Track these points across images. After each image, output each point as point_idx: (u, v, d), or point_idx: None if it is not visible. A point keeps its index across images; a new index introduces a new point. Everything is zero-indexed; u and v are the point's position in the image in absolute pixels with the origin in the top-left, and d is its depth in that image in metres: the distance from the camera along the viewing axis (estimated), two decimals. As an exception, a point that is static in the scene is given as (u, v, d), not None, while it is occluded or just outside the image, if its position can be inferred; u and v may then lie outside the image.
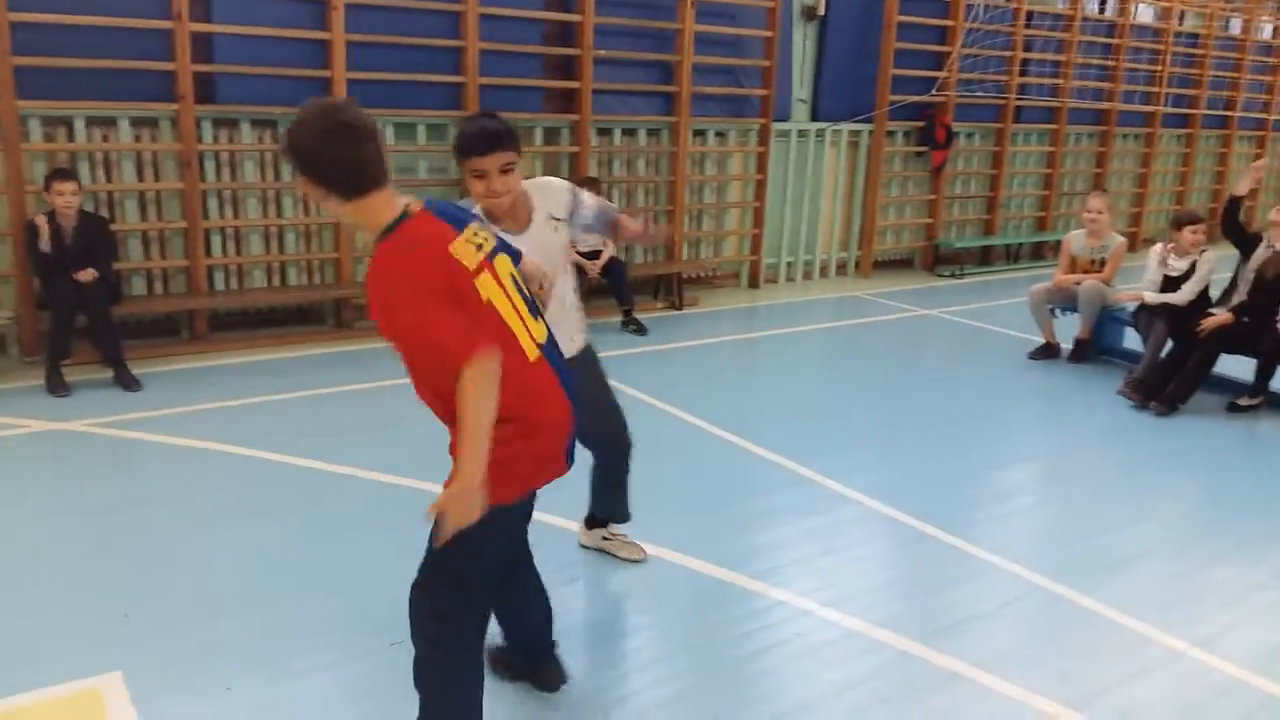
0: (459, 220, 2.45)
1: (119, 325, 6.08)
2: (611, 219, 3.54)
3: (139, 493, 4.53)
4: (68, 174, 5.97)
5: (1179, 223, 6.65)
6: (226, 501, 4.43)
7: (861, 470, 5.03)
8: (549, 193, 3.34)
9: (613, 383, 3.71)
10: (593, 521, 3.99)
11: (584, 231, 3.51)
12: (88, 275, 5.79)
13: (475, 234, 2.45)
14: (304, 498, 4.50)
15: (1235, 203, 6.46)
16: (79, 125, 6.44)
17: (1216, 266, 6.59)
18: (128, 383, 5.89)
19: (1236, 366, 6.36)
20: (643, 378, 6.40)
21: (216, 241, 7.04)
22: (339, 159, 2.25)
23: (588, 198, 3.46)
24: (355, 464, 4.78)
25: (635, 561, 3.91)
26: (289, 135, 2.28)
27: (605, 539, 3.98)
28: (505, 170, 3.03)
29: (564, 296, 3.38)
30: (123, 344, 6.03)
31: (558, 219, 3.32)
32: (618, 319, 7.87)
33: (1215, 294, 6.63)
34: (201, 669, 3.19)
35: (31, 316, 6.20)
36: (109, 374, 5.95)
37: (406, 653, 2.67)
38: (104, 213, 6.49)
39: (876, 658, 3.39)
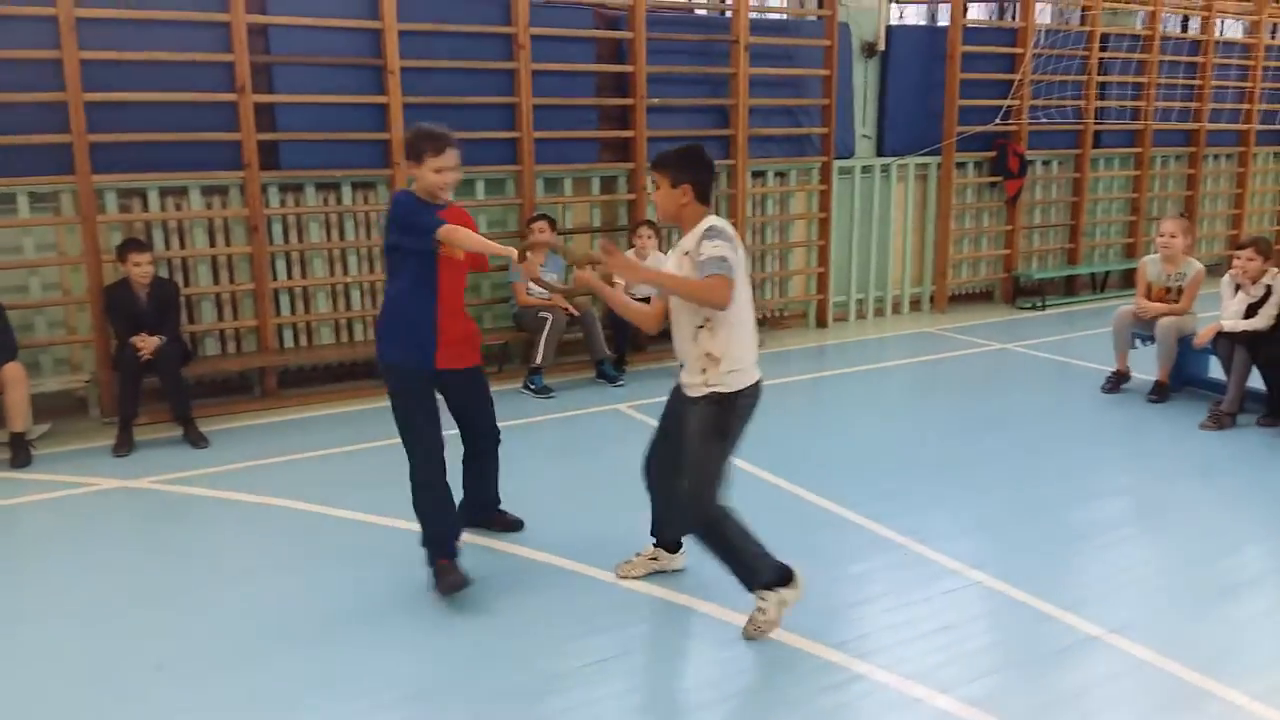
0: None
1: (191, 384, 6.33)
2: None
3: (191, 547, 4.67)
4: (143, 245, 6.30)
5: (1234, 249, 6.39)
6: (274, 555, 4.53)
7: (942, 524, 4.79)
8: None
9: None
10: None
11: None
12: (148, 346, 6.05)
13: None
14: (351, 550, 4.57)
15: None
16: (152, 196, 6.77)
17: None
18: (197, 440, 6.11)
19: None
20: (696, 422, 6.34)
21: (285, 301, 7.29)
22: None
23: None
24: (406, 517, 4.84)
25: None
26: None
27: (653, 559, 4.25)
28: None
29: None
30: (192, 403, 6.28)
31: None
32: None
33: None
34: (224, 722, 3.25)
35: (109, 379, 6.49)
36: (179, 433, 6.19)
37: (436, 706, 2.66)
38: (177, 277, 6.79)
39: None
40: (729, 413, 3.62)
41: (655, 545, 4.24)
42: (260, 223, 6.97)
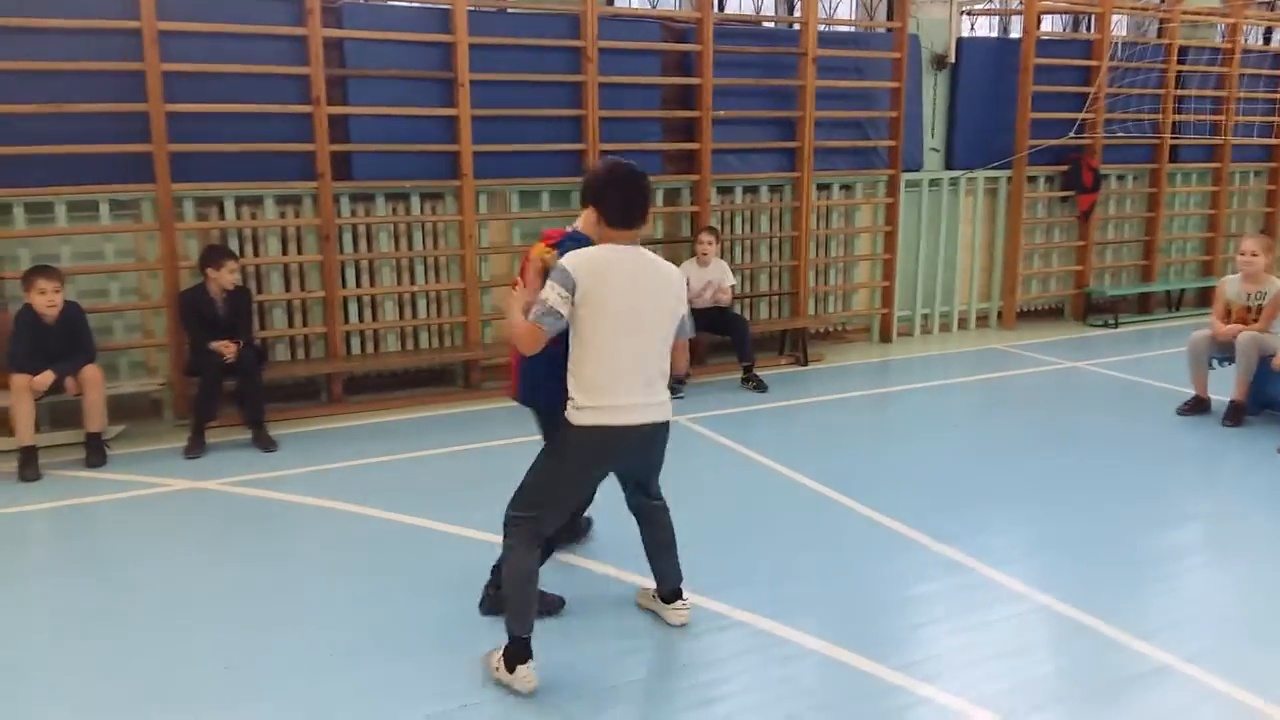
0: None
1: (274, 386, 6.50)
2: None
3: (258, 550, 4.76)
4: (231, 253, 6.48)
5: None
6: (339, 558, 4.60)
7: (1008, 546, 4.72)
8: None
9: (731, 442, 3.84)
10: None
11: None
12: (228, 349, 6.21)
13: None
14: (412, 555, 4.62)
15: None
16: (229, 204, 6.95)
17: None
18: (266, 444, 6.24)
19: None
20: (762, 437, 6.31)
21: (353, 309, 7.42)
22: None
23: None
24: (463, 523, 4.89)
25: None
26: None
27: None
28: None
29: None
30: (265, 407, 6.43)
31: None
32: (738, 375, 7.81)
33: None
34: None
35: (181, 383, 6.66)
36: (248, 436, 6.33)
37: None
38: (251, 285, 6.95)
39: None
40: (567, 442, 3.52)
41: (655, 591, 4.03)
42: (332, 232, 7.11)
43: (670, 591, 3.93)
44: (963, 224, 9.88)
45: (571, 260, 3.38)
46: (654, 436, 3.63)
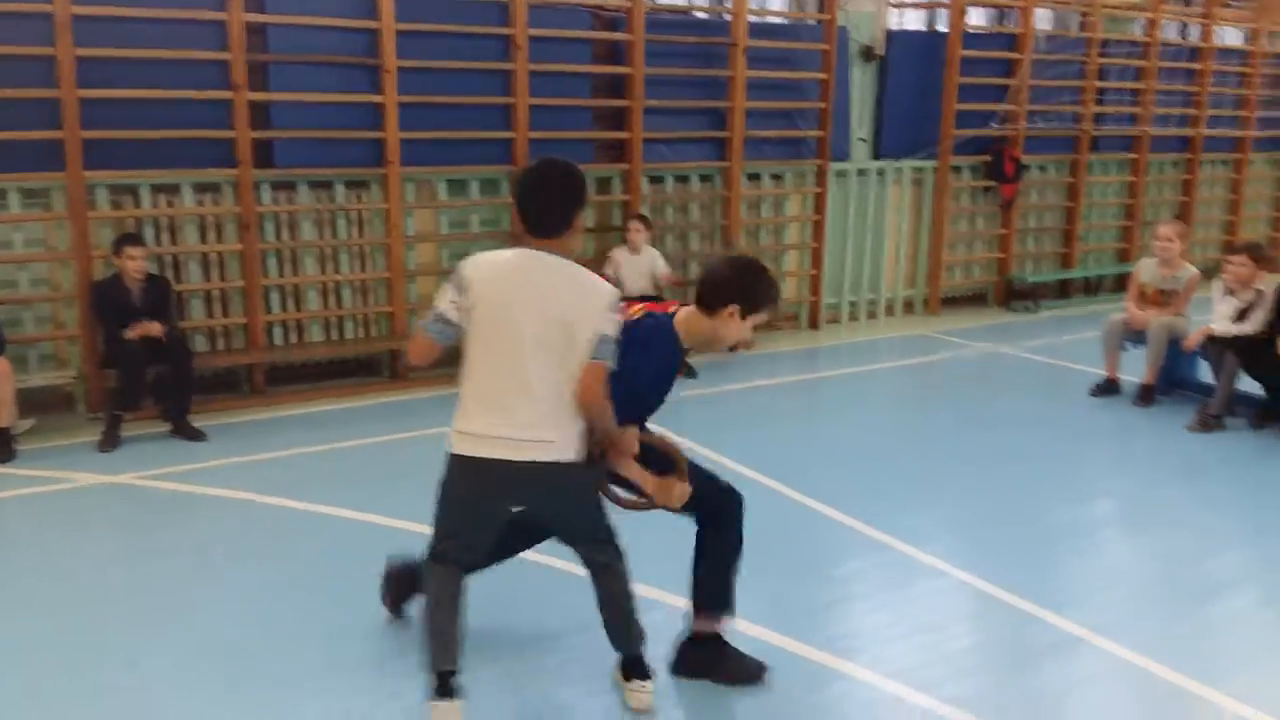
0: None
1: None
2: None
3: (173, 544, 4.65)
4: (138, 239, 6.30)
5: (1226, 254, 6.42)
6: (251, 550, 4.52)
7: (929, 525, 4.79)
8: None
9: (660, 428, 3.58)
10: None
11: None
12: (152, 329, 6.08)
13: None
14: (335, 546, 4.56)
15: None
16: (144, 192, 6.77)
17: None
18: (193, 435, 6.14)
19: None
20: (691, 423, 6.32)
21: (275, 299, 7.28)
22: None
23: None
24: (387, 514, 4.83)
25: None
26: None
27: None
28: None
29: None
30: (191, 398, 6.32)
31: None
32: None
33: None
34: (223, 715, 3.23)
35: (95, 375, 6.48)
36: (163, 429, 6.19)
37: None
38: (169, 274, 6.77)
39: None
40: (445, 469, 3.12)
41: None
42: (252, 220, 6.95)
43: (625, 663, 3.33)
44: (889, 213, 10.02)
45: (470, 260, 3.05)
46: (537, 481, 2.98)
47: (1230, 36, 12.07)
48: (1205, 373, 6.72)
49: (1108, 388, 7.02)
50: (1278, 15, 11.76)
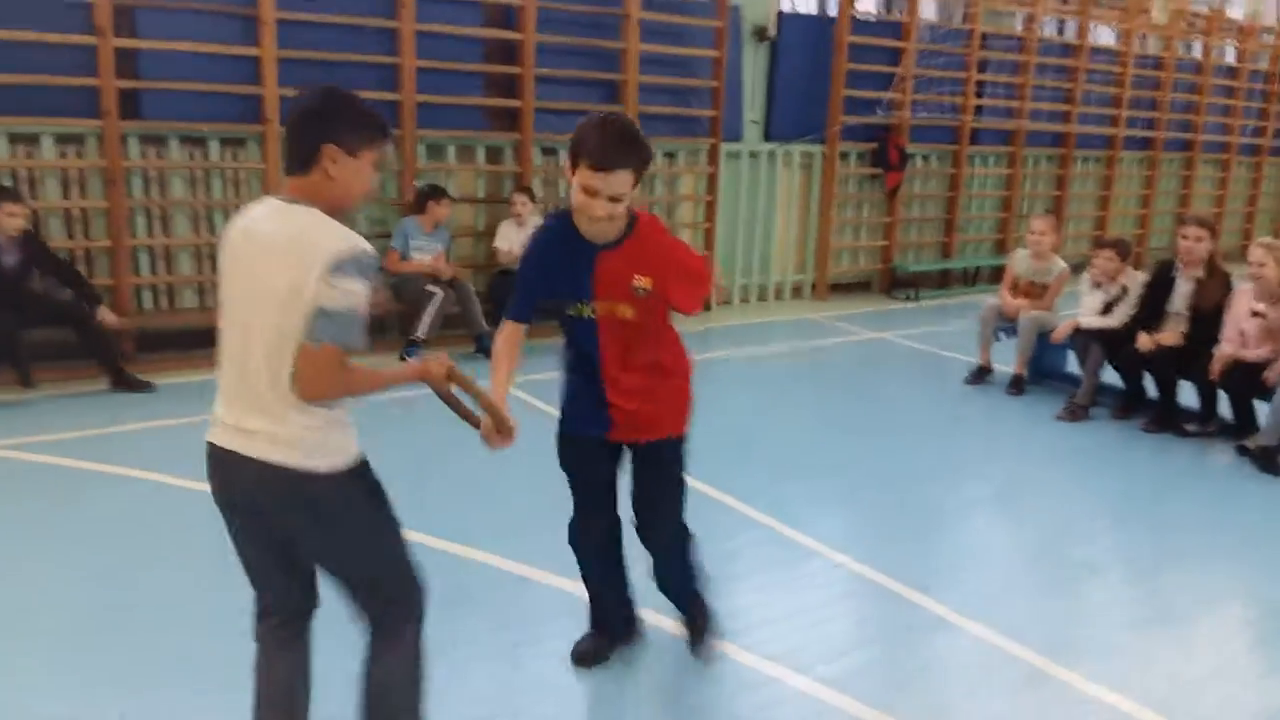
0: None
1: (42, 345, 6.10)
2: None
3: (18, 516, 4.38)
4: (16, 194, 5.91)
5: (1095, 248, 6.76)
6: (111, 528, 4.29)
7: (807, 507, 4.83)
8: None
9: (549, 407, 3.43)
10: None
11: None
12: (110, 319, 6.24)
13: None
14: (191, 524, 4.35)
15: None
16: (0, 142, 6.32)
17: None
18: (138, 386, 6.17)
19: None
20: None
21: (144, 260, 6.92)
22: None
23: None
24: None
25: None
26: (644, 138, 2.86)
27: None
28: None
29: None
30: (33, 365, 6.00)
31: None
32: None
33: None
34: (57, 699, 3.04)
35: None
36: (25, 395, 5.84)
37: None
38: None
39: (816, 713, 3.23)
40: None
41: None
42: (119, 175, 6.58)
43: None
44: (780, 196, 10.13)
45: None
46: (262, 485, 2.31)
47: (1104, 36, 12.57)
48: (1073, 364, 7.01)
49: (981, 374, 7.26)
50: (1147, 16, 12.29)
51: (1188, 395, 6.22)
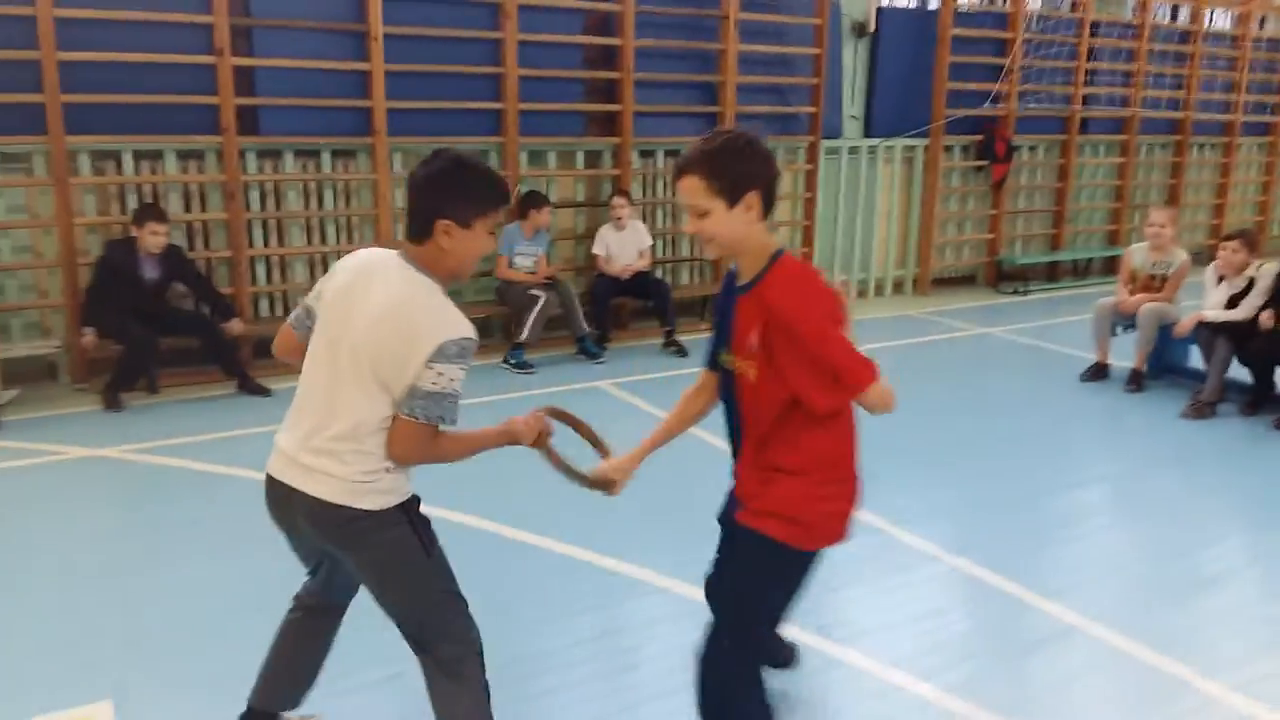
0: None
1: (167, 353, 6.38)
2: None
3: (159, 518, 4.58)
4: (161, 214, 6.20)
5: (1220, 240, 6.45)
6: (242, 529, 4.44)
7: (921, 510, 4.74)
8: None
9: (651, 407, 3.37)
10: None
11: None
12: (238, 328, 6.50)
13: None
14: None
15: None
16: (127, 159, 6.62)
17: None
18: (258, 390, 6.38)
19: None
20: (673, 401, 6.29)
21: (261, 270, 7.17)
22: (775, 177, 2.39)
23: None
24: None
25: None
26: (746, 151, 2.32)
27: None
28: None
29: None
30: (160, 370, 6.32)
31: None
32: (659, 340, 7.79)
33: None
34: (190, 701, 3.17)
35: (79, 346, 6.35)
36: (151, 400, 6.12)
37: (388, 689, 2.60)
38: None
39: (925, 718, 3.19)
40: None
41: None
42: (237, 189, 6.83)
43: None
44: (880, 192, 9.98)
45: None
46: (311, 517, 2.44)
47: (1220, 20, 12.05)
48: (1196, 359, 6.73)
49: (1098, 372, 7.02)
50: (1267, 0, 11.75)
51: None
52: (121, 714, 3.09)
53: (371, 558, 2.47)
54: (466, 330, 2.35)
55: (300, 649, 2.82)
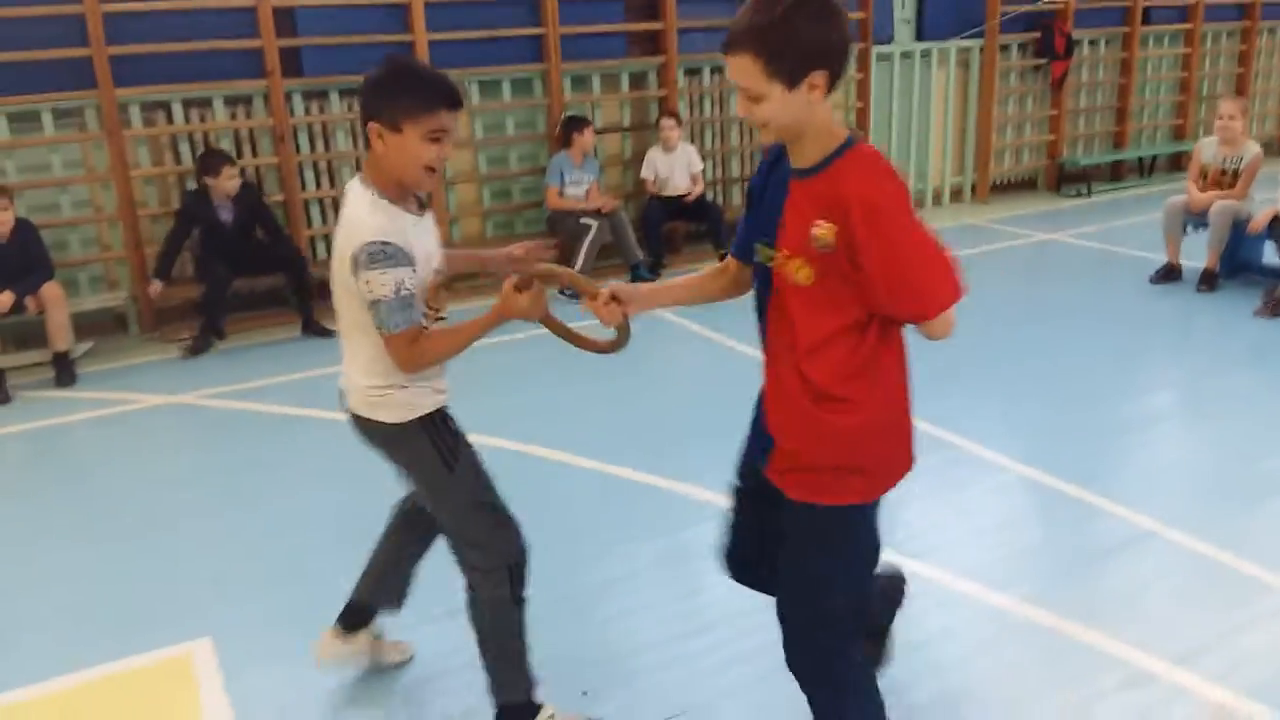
0: None
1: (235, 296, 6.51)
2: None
3: (237, 461, 4.70)
4: (229, 157, 6.31)
5: None
6: (319, 467, 4.55)
7: (988, 419, 4.70)
8: None
9: (710, 332, 3.29)
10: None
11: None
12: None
13: None
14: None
15: None
16: (176, 108, 6.66)
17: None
18: (323, 332, 6.43)
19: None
20: (740, 324, 6.24)
21: (315, 212, 7.22)
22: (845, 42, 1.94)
23: None
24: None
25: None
26: (812, 19, 1.86)
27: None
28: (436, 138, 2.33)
29: None
30: (226, 316, 6.43)
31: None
32: (714, 263, 7.70)
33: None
34: (289, 634, 3.27)
35: (146, 296, 6.49)
36: (218, 346, 6.26)
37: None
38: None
39: (1018, 632, 3.19)
40: None
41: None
42: (286, 132, 6.85)
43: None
44: (935, 97, 9.69)
45: None
46: (354, 429, 2.63)
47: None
48: (1271, 255, 6.50)
49: (1168, 273, 6.82)
50: None
51: None
52: (222, 650, 3.21)
53: (403, 468, 2.64)
54: (369, 234, 2.28)
55: (393, 549, 2.96)
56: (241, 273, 6.35)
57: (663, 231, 7.80)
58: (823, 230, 1.94)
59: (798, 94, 1.89)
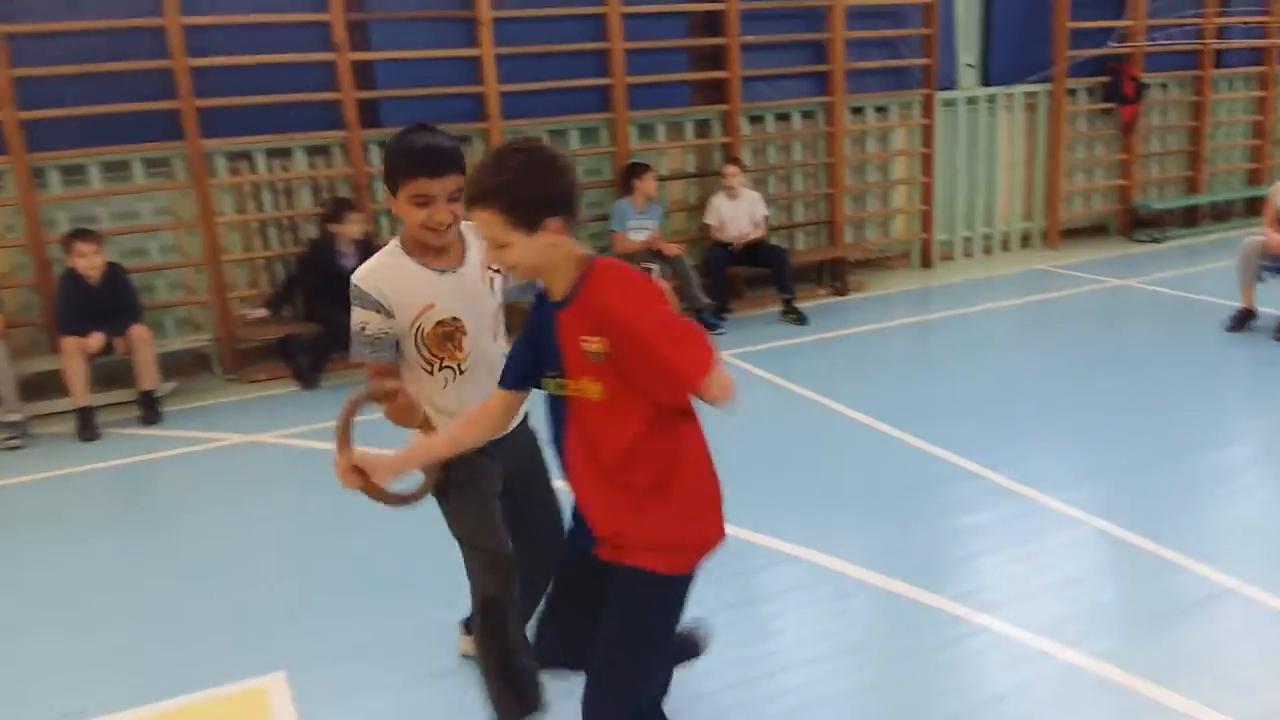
0: None
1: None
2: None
3: (314, 498, 4.81)
4: (354, 205, 6.58)
5: None
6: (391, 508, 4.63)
7: (1061, 471, 4.64)
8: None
9: (773, 376, 3.39)
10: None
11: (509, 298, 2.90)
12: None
13: None
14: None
15: None
16: (259, 157, 6.93)
17: None
18: None
19: None
20: (804, 370, 6.27)
21: (390, 258, 7.41)
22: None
23: None
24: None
25: None
26: (539, 174, 2.10)
27: None
28: (454, 198, 2.56)
29: (492, 360, 2.73)
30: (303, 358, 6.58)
31: (495, 270, 2.76)
32: (777, 308, 7.75)
33: None
34: (361, 668, 3.34)
35: (229, 339, 6.71)
36: (295, 389, 6.44)
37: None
38: (286, 238, 6.99)
39: (1090, 690, 3.14)
40: None
41: None
42: (364, 180, 7.07)
43: None
44: (1001, 142, 9.65)
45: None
46: None
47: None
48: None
49: (1244, 319, 6.68)
50: None
51: None
52: (295, 684, 3.29)
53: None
54: (355, 276, 2.65)
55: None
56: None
57: (726, 276, 7.86)
58: (593, 344, 2.13)
59: (537, 239, 2.12)
